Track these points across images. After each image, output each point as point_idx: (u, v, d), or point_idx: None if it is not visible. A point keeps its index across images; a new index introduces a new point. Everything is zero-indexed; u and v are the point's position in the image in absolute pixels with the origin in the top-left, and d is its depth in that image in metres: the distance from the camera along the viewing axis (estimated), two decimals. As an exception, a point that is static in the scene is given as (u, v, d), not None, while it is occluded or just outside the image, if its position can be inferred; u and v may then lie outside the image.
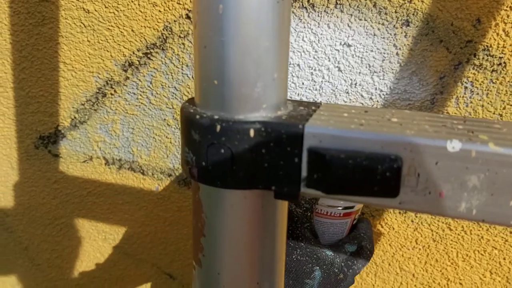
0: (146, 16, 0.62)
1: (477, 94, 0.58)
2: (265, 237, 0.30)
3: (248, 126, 0.27)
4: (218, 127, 0.27)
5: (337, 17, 0.58)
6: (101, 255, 0.84)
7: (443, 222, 0.67)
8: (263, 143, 0.27)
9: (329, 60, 0.60)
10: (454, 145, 0.24)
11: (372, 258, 0.72)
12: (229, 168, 0.28)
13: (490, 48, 0.56)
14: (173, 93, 0.66)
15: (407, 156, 0.25)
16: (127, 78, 0.67)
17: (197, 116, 0.28)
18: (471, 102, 0.59)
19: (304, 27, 0.59)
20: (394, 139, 0.25)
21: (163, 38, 0.63)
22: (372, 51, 0.59)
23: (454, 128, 0.26)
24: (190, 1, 0.60)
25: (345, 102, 0.62)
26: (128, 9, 0.62)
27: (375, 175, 0.24)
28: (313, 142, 0.26)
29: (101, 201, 0.78)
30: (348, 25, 0.58)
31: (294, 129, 0.26)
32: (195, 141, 0.28)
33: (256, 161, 0.27)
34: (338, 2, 0.58)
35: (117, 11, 0.63)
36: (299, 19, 0.59)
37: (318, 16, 0.58)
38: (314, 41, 0.60)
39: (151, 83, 0.66)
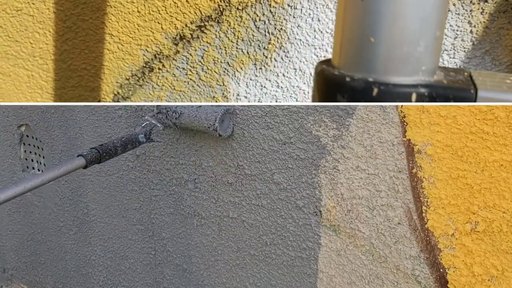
0: (203, -14, 0.59)
1: (553, 75, 0.56)
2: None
3: (410, 90, 0.24)
4: (375, 91, 0.24)
5: (410, -9, 0.55)
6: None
7: None
8: (425, 109, 0.24)
9: (398, 37, 0.57)
10: None
11: None
12: (380, 137, 0.25)
13: None
14: (225, 69, 0.63)
15: None
16: (177, 52, 0.63)
17: (347, 79, 0.25)
18: (545, 84, 0.57)
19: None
20: None
21: (220, 10, 0.60)
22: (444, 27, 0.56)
23: None
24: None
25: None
26: (183, -22, 0.59)
27: None
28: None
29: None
30: (421, 0, 0.55)
31: (464, 94, 0.24)
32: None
33: (414, 129, 0.24)
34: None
35: (172, -20, 0.59)
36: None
37: (389, -11, 0.55)
38: (383, 16, 0.57)
39: (202, 58, 0.63)
